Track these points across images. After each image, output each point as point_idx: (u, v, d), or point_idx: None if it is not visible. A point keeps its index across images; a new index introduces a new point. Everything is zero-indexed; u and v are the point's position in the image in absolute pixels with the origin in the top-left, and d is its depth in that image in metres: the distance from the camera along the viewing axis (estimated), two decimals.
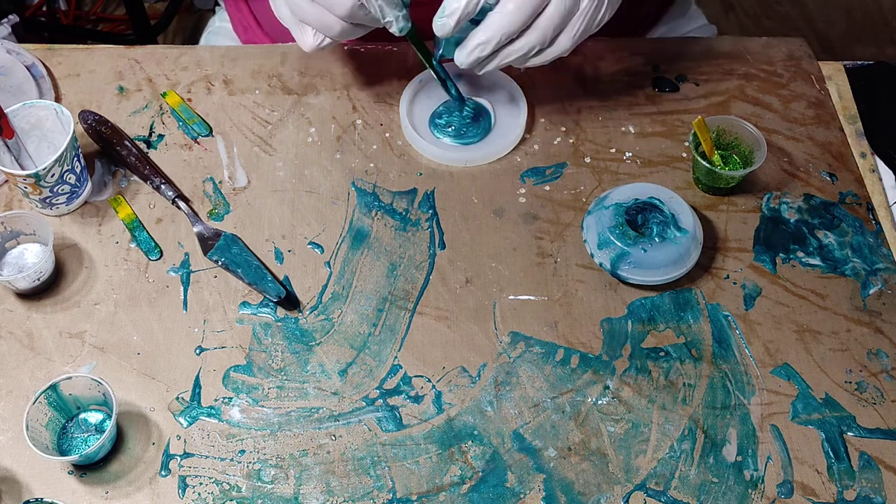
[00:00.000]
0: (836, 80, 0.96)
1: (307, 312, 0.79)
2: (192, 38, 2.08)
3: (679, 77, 0.95)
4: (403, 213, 0.85)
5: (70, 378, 0.70)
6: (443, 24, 0.76)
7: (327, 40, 0.81)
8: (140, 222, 0.84)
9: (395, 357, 0.77)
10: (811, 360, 0.77)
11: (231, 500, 0.70)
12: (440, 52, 0.83)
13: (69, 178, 0.81)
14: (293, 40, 0.99)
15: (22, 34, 1.78)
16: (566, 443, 0.73)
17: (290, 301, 0.79)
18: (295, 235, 0.84)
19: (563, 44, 0.78)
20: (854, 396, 0.75)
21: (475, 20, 0.77)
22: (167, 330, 0.78)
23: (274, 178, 0.87)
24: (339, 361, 0.77)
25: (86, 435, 0.72)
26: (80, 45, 0.97)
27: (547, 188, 0.87)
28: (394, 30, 0.78)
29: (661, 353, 0.77)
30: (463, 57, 0.78)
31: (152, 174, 0.85)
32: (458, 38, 0.79)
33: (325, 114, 0.92)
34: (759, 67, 0.96)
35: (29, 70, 0.92)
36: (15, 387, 0.75)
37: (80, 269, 0.81)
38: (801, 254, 0.83)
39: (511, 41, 0.77)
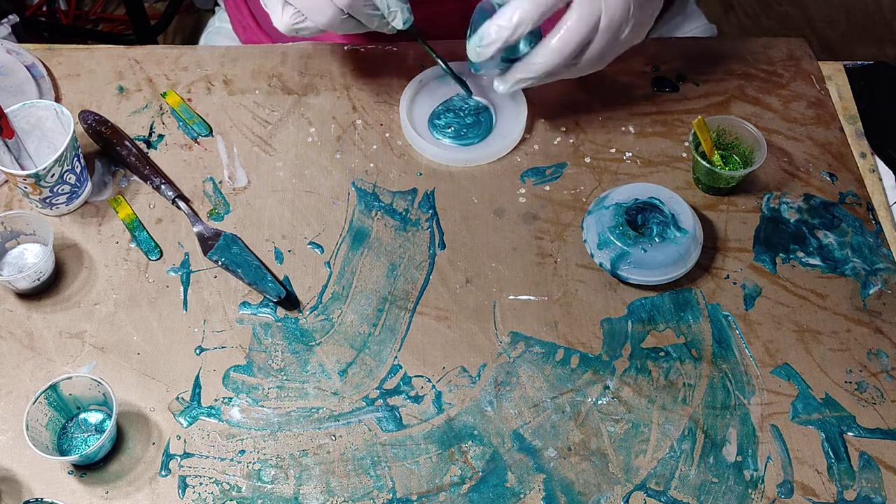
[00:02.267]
0: (836, 80, 0.96)
1: (307, 312, 0.79)
2: (192, 38, 2.08)
3: (679, 77, 0.95)
4: (403, 213, 0.85)
5: (70, 378, 0.70)
6: (480, 52, 0.77)
7: (307, 23, 0.75)
8: (140, 222, 0.84)
9: (395, 357, 0.77)
10: (811, 360, 0.77)
11: (231, 500, 0.70)
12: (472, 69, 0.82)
13: (69, 178, 0.81)
14: (293, 40, 1.00)
15: (22, 34, 1.77)
16: (566, 443, 0.73)
17: (290, 301, 0.79)
18: (295, 235, 0.84)
19: (604, 64, 0.81)
20: (854, 396, 0.75)
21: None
22: (167, 330, 0.78)
23: (274, 178, 0.87)
24: (339, 361, 0.77)
25: (86, 435, 0.72)
26: (80, 45, 0.97)
27: (547, 188, 0.87)
28: (397, 22, 0.77)
29: (661, 353, 0.77)
30: (504, 88, 0.80)
31: (152, 174, 0.85)
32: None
33: (325, 114, 0.92)
34: (759, 67, 0.96)
35: (29, 70, 0.92)
36: (15, 387, 0.75)
37: (80, 269, 0.81)
38: (801, 254, 0.83)
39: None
